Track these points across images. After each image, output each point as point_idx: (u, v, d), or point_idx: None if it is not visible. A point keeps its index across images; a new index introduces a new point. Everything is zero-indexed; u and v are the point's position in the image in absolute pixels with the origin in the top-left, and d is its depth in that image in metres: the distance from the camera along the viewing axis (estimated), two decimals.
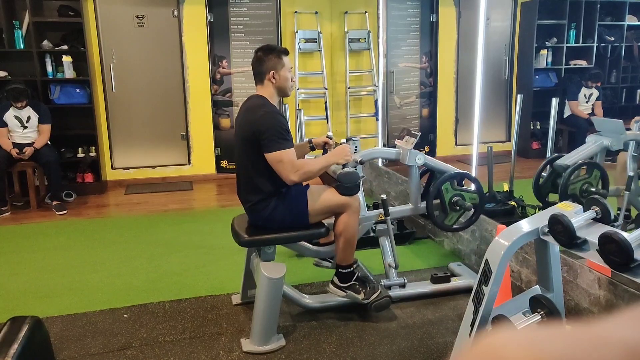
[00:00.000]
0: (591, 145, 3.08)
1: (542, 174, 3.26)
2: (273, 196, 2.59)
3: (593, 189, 2.95)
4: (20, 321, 1.33)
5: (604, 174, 2.96)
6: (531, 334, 0.33)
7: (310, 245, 2.88)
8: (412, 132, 2.90)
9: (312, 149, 2.90)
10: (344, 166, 2.64)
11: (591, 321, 0.35)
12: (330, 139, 2.87)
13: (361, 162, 2.72)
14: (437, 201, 2.85)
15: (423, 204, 2.91)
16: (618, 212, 3.09)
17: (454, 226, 2.91)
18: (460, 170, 2.91)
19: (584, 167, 3.01)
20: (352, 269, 2.73)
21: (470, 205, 2.83)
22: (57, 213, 4.83)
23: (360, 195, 2.75)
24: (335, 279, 2.75)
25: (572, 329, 0.34)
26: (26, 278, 3.42)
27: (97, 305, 3.00)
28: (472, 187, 2.91)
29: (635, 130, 3.11)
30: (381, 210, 2.87)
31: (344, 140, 2.78)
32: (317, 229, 2.67)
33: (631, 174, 3.02)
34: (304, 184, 2.71)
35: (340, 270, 2.72)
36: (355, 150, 2.75)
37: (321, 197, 2.62)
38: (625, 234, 1.65)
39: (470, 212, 2.88)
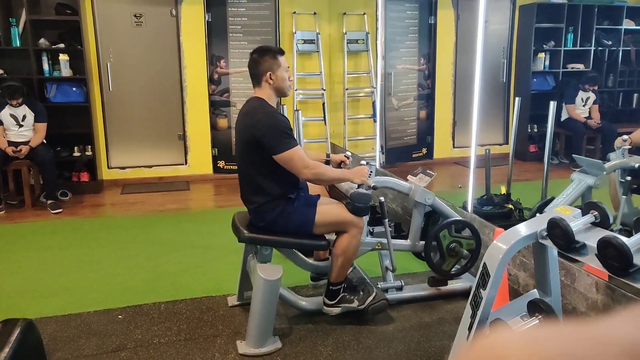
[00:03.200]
0: (576, 186, 3.07)
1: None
2: (280, 199, 2.57)
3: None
4: (12, 324, 1.32)
5: (602, 212, 2.96)
6: (531, 333, 0.33)
7: (306, 259, 2.86)
8: (428, 172, 2.93)
9: (328, 163, 2.89)
10: (358, 186, 2.65)
11: (591, 321, 0.35)
12: (348, 158, 2.90)
13: (374, 188, 2.72)
14: (434, 244, 2.87)
15: (421, 243, 2.92)
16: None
17: (451, 272, 2.91)
18: (461, 218, 2.93)
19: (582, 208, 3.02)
20: (340, 286, 2.72)
21: (467, 253, 2.85)
22: (52, 212, 4.81)
23: (365, 219, 2.75)
24: (326, 300, 2.73)
25: (571, 328, 0.34)
26: (20, 278, 3.39)
27: (91, 305, 2.98)
28: (469, 233, 2.91)
29: (617, 158, 3.09)
30: (380, 240, 2.87)
31: (364, 162, 2.79)
32: (318, 240, 2.65)
33: (623, 197, 3.01)
34: (312, 192, 2.71)
35: (330, 287, 2.71)
36: (370, 174, 2.76)
37: (330, 209, 2.62)
38: (624, 239, 1.64)
39: (466, 259, 2.88)
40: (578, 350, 0.31)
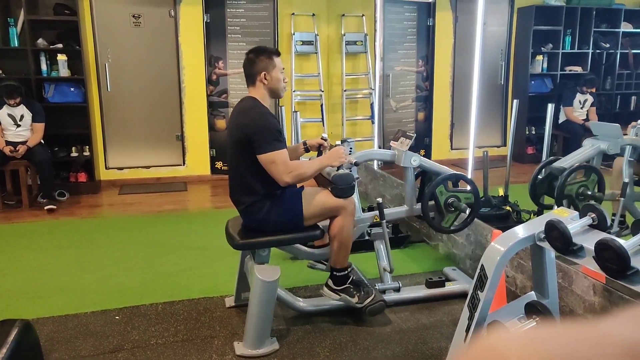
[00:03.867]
0: (588, 148, 3.08)
1: (539, 176, 3.26)
2: (267, 198, 2.58)
3: (589, 192, 2.95)
4: (9, 325, 1.31)
5: (600, 178, 2.97)
6: (530, 333, 0.33)
7: (305, 248, 2.86)
8: (408, 133, 2.89)
9: (307, 150, 2.88)
10: (338, 168, 2.63)
11: (590, 321, 0.35)
12: (325, 140, 2.85)
13: (356, 164, 2.71)
14: (432, 203, 2.84)
15: (418, 206, 2.89)
16: (613, 217, 3.10)
17: (451, 228, 2.90)
18: (454, 172, 2.89)
19: (581, 170, 3.02)
20: (346, 272, 2.71)
21: (466, 206, 2.82)
22: (45, 208, 4.79)
23: (355, 197, 2.73)
24: (330, 282, 2.74)
25: (571, 329, 0.34)
26: (17, 278, 3.38)
27: (88, 306, 2.97)
28: (467, 187, 2.90)
29: (631, 136, 3.12)
30: (376, 212, 2.86)
31: (338, 142, 2.77)
32: (311, 231, 2.65)
33: (627, 180, 3.03)
34: (298, 185, 2.69)
35: (334, 273, 2.71)
36: (350, 151, 2.74)
37: (316, 199, 2.60)
38: (622, 241, 1.64)
39: (466, 213, 2.86)
40: (578, 351, 0.31)
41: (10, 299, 3.10)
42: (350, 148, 2.76)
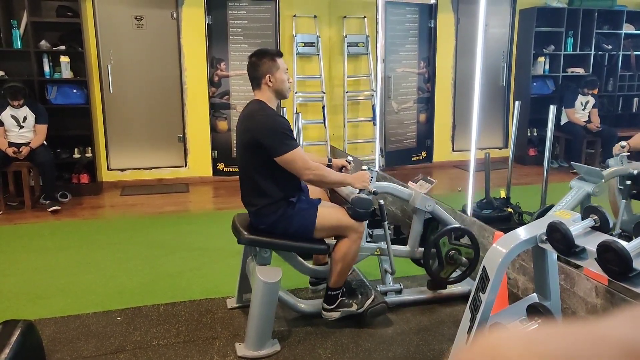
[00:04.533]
0: (575, 194, 3.07)
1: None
2: (281, 202, 2.57)
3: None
4: (12, 325, 1.31)
5: (602, 216, 2.96)
6: (531, 333, 0.33)
7: (305, 262, 2.86)
8: (429, 179, 2.94)
9: (330, 167, 2.89)
10: (359, 191, 2.65)
11: (590, 321, 0.35)
12: (349, 163, 2.91)
13: (375, 193, 2.72)
14: (433, 251, 2.87)
15: (420, 249, 2.92)
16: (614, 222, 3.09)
17: (448, 279, 2.92)
18: (461, 226, 2.94)
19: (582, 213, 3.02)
20: (339, 291, 2.72)
21: (466, 261, 2.85)
22: (49, 210, 4.80)
23: (365, 224, 2.75)
24: (325, 305, 2.73)
25: (571, 329, 0.34)
26: (19, 279, 3.39)
27: (90, 307, 2.98)
28: (469, 242, 2.92)
29: (616, 165, 3.09)
30: (379, 245, 2.88)
31: (365, 167, 2.79)
32: (318, 244, 2.65)
33: (622, 201, 3.01)
34: (313, 196, 2.71)
35: (329, 292, 2.71)
36: (371, 180, 2.77)
37: (331, 213, 2.61)
38: (624, 243, 1.64)
39: (464, 268, 2.88)
40: (577, 350, 0.32)
41: (12, 299, 3.10)
42: (372, 177, 2.78)
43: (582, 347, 0.32)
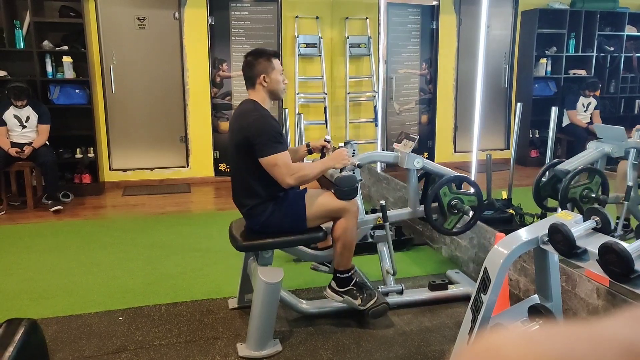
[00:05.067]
0: (592, 151, 3.07)
1: (542, 179, 3.25)
2: (270, 200, 2.58)
3: (593, 195, 2.95)
4: (16, 323, 1.32)
5: (604, 180, 2.96)
6: (531, 333, 0.33)
7: (308, 250, 2.87)
8: (411, 135, 2.89)
9: (310, 152, 2.89)
10: (341, 170, 2.63)
11: (590, 321, 0.35)
12: (328, 142, 2.85)
13: (359, 166, 2.71)
14: (435, 204, 2.84)
15: (421, 208, 2.90)
16: (617, 221, 3.09)
17: (453, 230, 2.89)
18: (458, 174, 2.89)
19: (585, 172, 3.01)
20: (350, 274, 2.71)
21: (469, 208, 2.82)
22: (51, 209, 4.81)
23: (358, 199, 2.74)
24: (333, 284, 2.74)
25: (571, 329, 0.34)
26: (21, 279, 3.40)
27: (92, 307, 2.98)
28: (471, 190, 2.90)
29: (636, 139, 3.11)
30: (379, 214, 2.86)
31: (341, 144, 2.77)
32: (314, 233, 2.66)
33: (630, 183, 3.02)
34: (301, 187, 2.70)
35: (337, 274, 2.71)
36: (354, 153, 2.74)
37: (319, 201, 2.61)
38: (625, 245, 1.64)
39: (469, 216, 2.86)
40: (577, 350, 0.32)
41: (14, 299, 3.11)
42: (354, 150, 2.76)
43: (583, 347, 0.32)
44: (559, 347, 0.32)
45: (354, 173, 2.66)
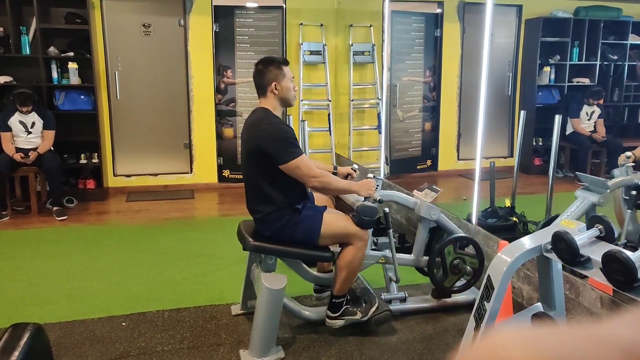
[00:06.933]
0: (580, 204, 3.06)
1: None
2: (286, 209, 2.58)
3: None
4: (21, 328, 1.33)
5: (607, 226, 2.95)
6: (532, 333, 0.34)
7: (310, 270, 2.86)
8: (434, 187, 2.94)
9: (335, 174, 2.90)
10: (365, 199, 2.66)
11: (591, 322, 0.35)
12: (355, 171, 2.91)
13: (380, 201, 2.73)
14: (438, 260, 2.87)
15: (425, 258, 2.92)
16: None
17: (452, 288, 2.92)
18: (466, 235, 2.95)
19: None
20: (344, 298, 2.72)
21: (471, 270, 2.85)
22: (57, 218, 4.83)
23: (370, 232, 2.75)
24: (329, 313, 2.73)
25: (572, 329, 0.34)
26: (25, 284, 3.41)
27: (95, 312, 2.99)
28: (474, 251, 2.92)
29: (621, 175, 3.08)
30: (384, 253, 2.88)
31: (370, 175, 2.80)
32: (323, 252, 2.66)
33: (628, 211, 3.00)
34: (318, 203, 2.72)
35: (333, 300, 2.71)
36: (377, 188, 2.77)
37: (336, 221, 2.62)
38: (629, 253, 1.64)
39: (470, 276, 2.88)
40: (578, 351, 0.32)
41: (18, 304, 3.12)
42: (377, 185, 2.79)
43: (582, 348, 0.32)
44: (560, 348, 0.32)
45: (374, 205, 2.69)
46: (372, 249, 2.87)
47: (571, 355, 0.32)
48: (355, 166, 2.96)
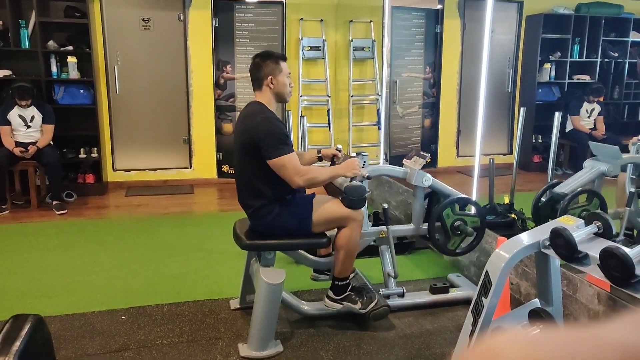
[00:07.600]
0: (588, 172, 3.07)
1: (542, 198, 3.27)
2: (276, 202, 2.59)
3: None
4: (22, 319, 1.34)
5: (602, 202, 2.96)
6: (532, 336, 0.34)
7: (310, 255, 2.87)
8: (422, 153, 2.92)
9: (320, 159, 2.90)
10: (351, 179, 2.65)
11: (591, 325, 0.35)
12: (339, 151, 2.88)
13: (368, 178, 2.73)
14: (438, 224, 2.87)
15: (425, 226, 2.92)
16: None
17: (456, 250, 2.92)
18: (462, 195, 2.93)
19: (584, 194, 3.01)
20: (347, 281, 2.73)
21: (472, 230, 2.85)
22: (57, 212, 4.84)
23: (364, 210, 2.75)
24: (331, 293, 2.74)
25: (572, 332, 0.34)
26: (25, 277, 3.41)
27: (95, 306, 3.00)
28: (473, 210, 2.91)
29: (632, 153, 3.10)
30: (383, 228, 2.88)
31: (354, 154, 2.79)
32: (318, 238, 2.66)
33: (632, 189, 3.02)
34: (309, 192, 2.71)
35: (336, 282, 2.72)
36: (364, 165, 2.76)
37: (326, 207, 2.62)
38: (626, 249, 1.65)
39: (472, 237, 2.88)
40: (576, 353, 0.32)
41: (18, 297, 3.13)
42: (364, 161, 2.78)
43: (581, 350, 0.32)
44: (559, 351, 0.32)
45: (362, 184, 2.68)
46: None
47: (571, 358, 0.32)
48: (339, 146, 2.92)
